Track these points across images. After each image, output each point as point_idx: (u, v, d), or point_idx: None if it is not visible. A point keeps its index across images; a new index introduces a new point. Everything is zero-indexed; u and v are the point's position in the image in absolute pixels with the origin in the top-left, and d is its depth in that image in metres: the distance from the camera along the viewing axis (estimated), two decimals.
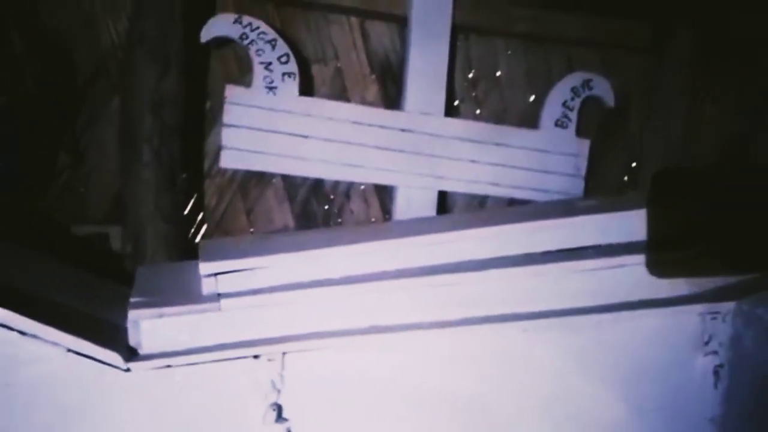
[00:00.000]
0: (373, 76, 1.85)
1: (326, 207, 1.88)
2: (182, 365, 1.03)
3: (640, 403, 1.20)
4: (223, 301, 1.08)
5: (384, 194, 1.87)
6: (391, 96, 1.85)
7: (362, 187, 1.87)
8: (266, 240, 1.41)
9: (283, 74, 1.64)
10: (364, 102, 1.83)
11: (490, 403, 1.14)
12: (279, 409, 1.07)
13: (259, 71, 1.63)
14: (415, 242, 1.23)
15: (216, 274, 1.10)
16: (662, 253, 1.25)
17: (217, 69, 1.75)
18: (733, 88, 1.91)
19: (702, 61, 1.85)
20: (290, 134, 1.65)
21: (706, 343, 1.18)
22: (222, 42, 1.66)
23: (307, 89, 1.74)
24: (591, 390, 1.17)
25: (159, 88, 1.58)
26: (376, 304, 1.14)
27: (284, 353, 1.06)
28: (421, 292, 1.16)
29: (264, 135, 1.64)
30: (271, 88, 1.64)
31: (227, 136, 1.63)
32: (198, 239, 1.78)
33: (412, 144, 1.73)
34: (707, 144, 1.94)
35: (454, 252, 1.23)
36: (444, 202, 1.86)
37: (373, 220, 1.89)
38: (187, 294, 1.11)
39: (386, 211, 1.88)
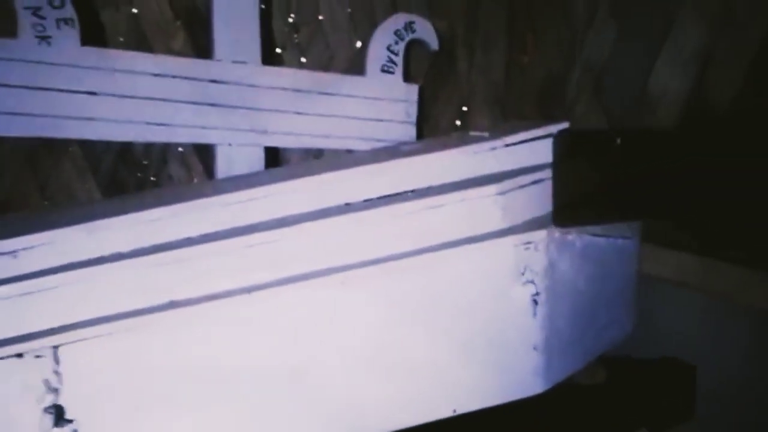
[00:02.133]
0: (178, 23, 1.64)
1: (139, 174, 1.66)
2: None
3: (466, 340, 1.20)
4: None
5: (206, 155, 1.69)
6: (202, 45, 1.65)
7: (180, 149, 1.68)
8: (45, 215, 1.20)
9: (58, 21, 1.38)
10: (170, 53, 1.62)
11: (310, 368, 1.07)
12: (59, 410, 0.91)
13: (25, 18, 1.36)
14: (220, 201, 1.10)
15: None
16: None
17: None
18: (552, 26, 1.96)
19: (518, 2, 1.88)
20: (74, 92, 1.41)
21: (522, 273, 1.20)
22: None
23: (95, 40, 1.49)
24: (416, 334, 1.15)
25: None
26: (175, 277, 1.00)
27: (56, 347, 0.89)
28: (228, 258, 1.04)
29: (42, 94, 1.39)
30: (43, 38, 1.37)
31: None
32: None
33: (226, 96, 1.57)
34: (528, 86, 2.00)
35: (266, 209, 1.12)
36: (275, 159, 1.74)
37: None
38: None
39: (210, 174, 1.70)
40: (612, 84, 1.78)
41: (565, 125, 1.46)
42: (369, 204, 1.21)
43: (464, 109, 2.02)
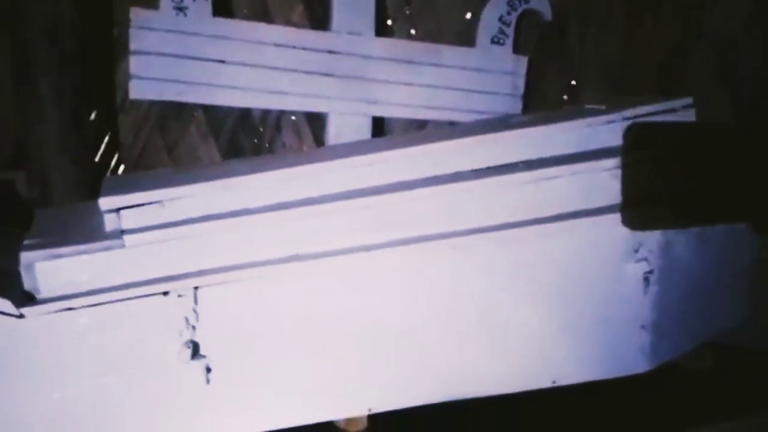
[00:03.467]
0: None
1: (255, 140, 1.76)
2: (85, 307, 0.94)
3: (573, 315, 1.19)
4: (127, 238, 0.99)
5: (317, 124, 1.77)
6: (318, 17, 1.71)
7: (293, 117, 1.76)
8: (178, 172, 1.31)
9: None
10: (288, 24, 1.69)
11: (419, 326, 1.11)
12: (195, 346, 1.01)
13: None
14: (339, 165, 1.15)
15: (118, 210, 1.00)
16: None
17: None
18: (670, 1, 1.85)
19: None
20: (206, 59, 1.51)
21: (636, 251, 1.17)
22: None
23: (223, 10, 1.59)
24: (522, 304, 1.15)
25: (54, 11, 1.41)
26: (298, 232, 1.06)
27: (196, 288, 0.99)
28: (346, 217, 1.09)
29: (177, 61, 1.50)
30: (180, 9, 1.48)
31: (135, 65, 1.48)
32: None
33: (341, 67, 1.62)
34: (645, 60, 1.89)
35: (380, 174, 1.16)
36: (380, 128, 1.78)
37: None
38: (88, 233, 1.01)
39: (320, 142, 1.77)
40: (742, 61, 1.65)
41: (688, 100, 1.39)
42: (477, 174, 1.22)
43: (573, 83, 1.96)
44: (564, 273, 1.17)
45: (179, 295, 0.98)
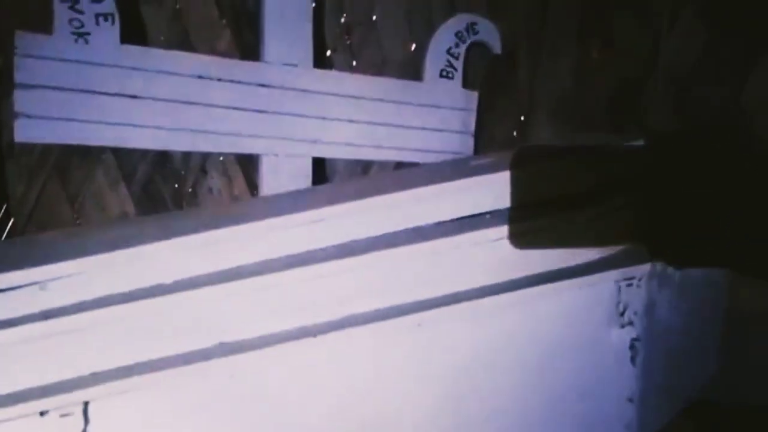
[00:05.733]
0: (224, 21, 1.50)
1: (176, 186, 1.53)
2: None
3: (554, 389, 1.04)
4: None
5: (249, 166, 1.55)
6: (248, 45, 1.51)
7: (221, 158, 1.55)
8: (76, 235, 1.06)
9: (98, 16, 1.26)
10: (214, 53, 1.48)
11: (375, 420, 0.92)
12: None
13: (61, 12, 1.23)
14: (274, 225, 0.95)
15: None
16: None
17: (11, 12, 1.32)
18: (629, 27, 1.79)
19: (591, 2, 1.71)
20: (113, 95, 1.28)
21: (622, 314, 1.03)
22: None
23: (134, 37, 1.36)
24: (501, 381, 1.00)
25: None
26: (224, 314, 0.85)
27: (86, 402, 0.75)
28: (285, 291, 0.89)
29: (76, 97, 1.26)
30: (80, 35, 1.25)
31: (22, 100, 1.22)
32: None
33: (275, 102, 1.43)
34: (597, 94, 1.82)
35: (327, 234, 0.97)
36: (321, 170, 1.59)
37: (237, 197, 1.58)
38: None
39: (253, 187, 1.57)
40: (698, 93, 1.60)
41: (639, 143, 1.29)
42: (441, 228, 1.05)
43: (522, 118, 1.86)
44: (545, 344, 1.02)
45: (62, 415, 0.74)
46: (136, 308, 0.80)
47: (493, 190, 1.13)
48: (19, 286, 0.75)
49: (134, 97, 1.30)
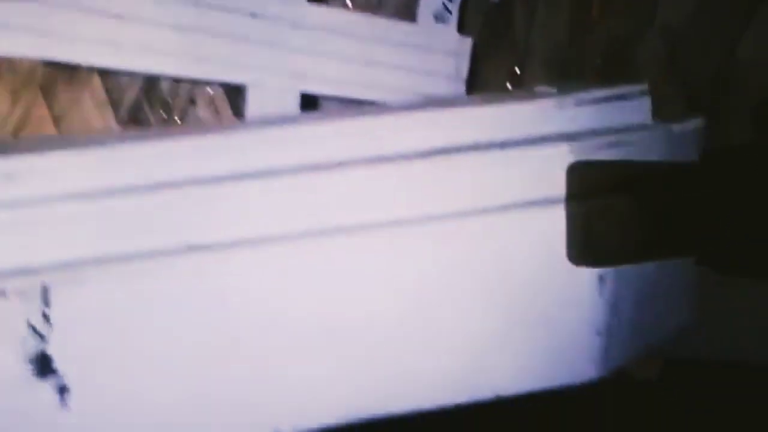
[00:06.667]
0: None
1: (163, 114, 1.52)
2: None
3: (519, 316, 1.06)
4: None
5: (238, 99, 1.55)
6: None
7: (210, 90, 1.54)
8: (56, 140, 1.07)
9: None
10: None
11: (337, 331, 0.94)
12: (44, 360, 0.78)
13: None
14: (254, 139, 0.96)
15: None
16: None
17: None
18: None
19: None
20: (100, 11, 1.27)
21: None
22: None
23: None
24: (461, 304, 1.01)
25: None
26: (195, 217, 0.86)
27: (46, 286, 0.76)
28: (256, 200, 0.90)
29: (56, 12, 1.24)
30: None
31: None
32: None
33: (266, 32, 1.42)
34: (592, 48, 1.81)
35: (304, 151, 0.98)
36: (310, 108, 1.59)
37: None
38: None
39: (241, 118, 1.56)
40: (692, 49, 1.59)
41: (642, 86, 1.30)
42: (411, 157, 1.06)
43: (517, 71, 1.85)
44: (510, 271, 1.03)
45: (22, 295, 0.75)
46: (106, 204, 0.81)
47: (471, 123, 1.13)
48: None
49: (119, 16, 1.29)
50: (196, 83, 1.53)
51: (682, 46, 1.59)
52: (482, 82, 1.82)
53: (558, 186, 1.06)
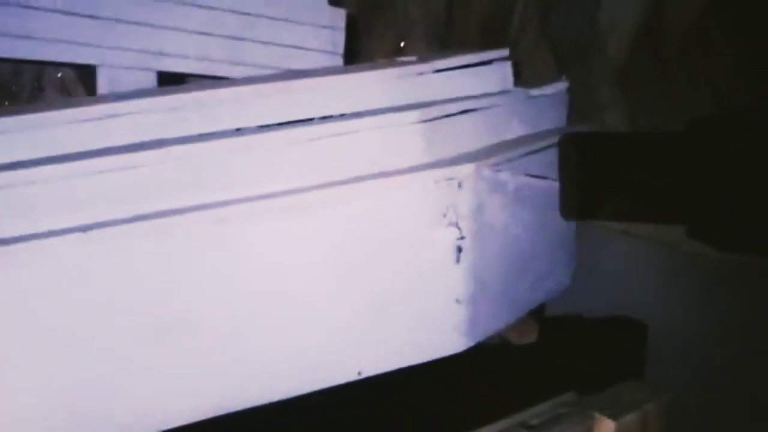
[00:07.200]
0: None
1: (6, 104, 1.40)
2: None
3: (377, 290, 1.02)
4: None
5: (92, 81, 1.44)
6: None
7: (59, 73, 1.42)
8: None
9: None
10: None
11: (180, 322, 0.87)
12: None
13: None
14: (75, 116, 0.87)
15: None
16: None
17: None
18: None
19: None
20: None
21: (444, 215, 1.02)
22: None
23: None
24: (316, 281, 0.96)
25: None
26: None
27: None
28: (67, 186, 0.83)
29: None
30: None
31: None
32: None
33: (109, 7, 1.31)
34: (470, 20, 1.79)
35: (134, 129, 0.90)
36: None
37: None
38: None
39: None
40: (559, 16, 1.59)
41: (504, 52, 1.28)
42: (264, 131, 1.01)
43: (402, 44, 1.82)
44: (365, 243, 0.99)
45: None
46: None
47: (323, 94, 1.08)
48: None
49: None
50: (44, 68, 1.41)
51: (552, 12, 1.59)
52: (367, 57, 1.77)
53: (411, 154, 1.03)
